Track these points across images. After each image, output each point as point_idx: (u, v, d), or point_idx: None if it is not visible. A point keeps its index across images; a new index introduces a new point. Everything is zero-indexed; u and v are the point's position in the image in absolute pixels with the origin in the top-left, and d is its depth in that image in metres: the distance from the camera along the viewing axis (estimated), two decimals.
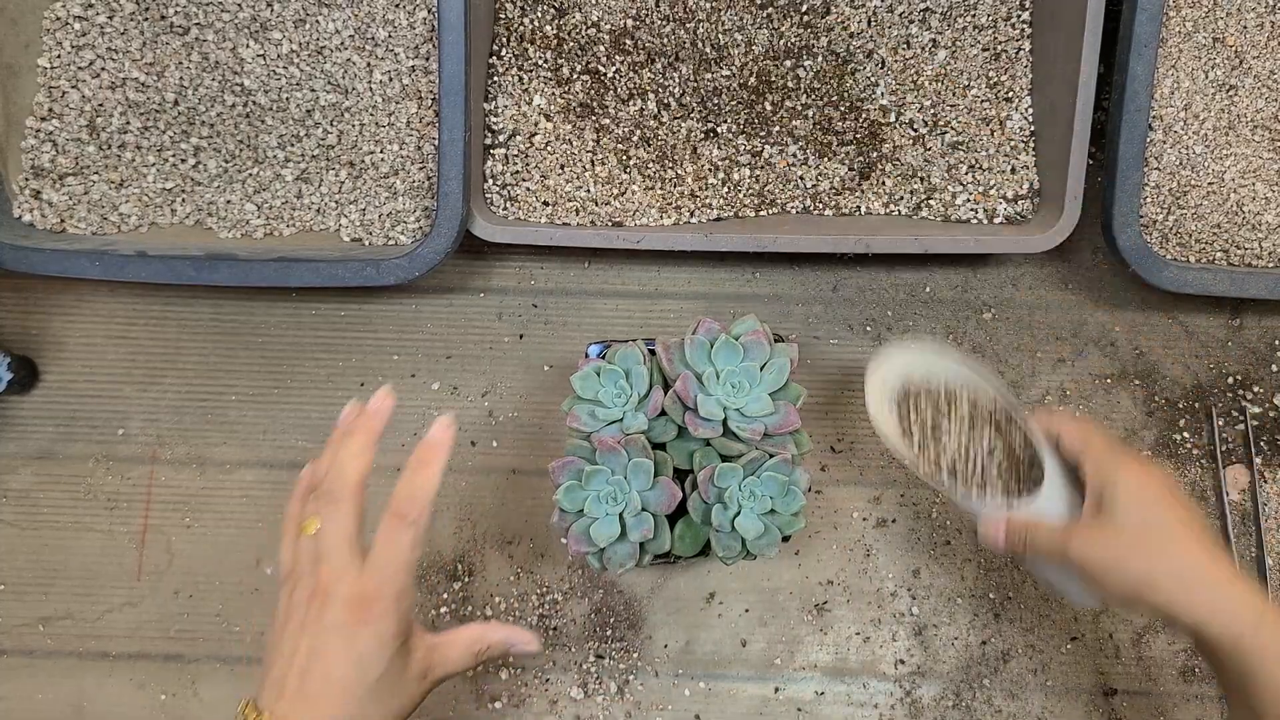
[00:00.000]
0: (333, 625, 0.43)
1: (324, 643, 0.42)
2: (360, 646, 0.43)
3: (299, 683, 0.42)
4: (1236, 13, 0.66)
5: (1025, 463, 0.57)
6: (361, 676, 0.43)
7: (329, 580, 0.43)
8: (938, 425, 0.58)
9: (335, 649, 0.42)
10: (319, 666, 0.42)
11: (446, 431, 0.48)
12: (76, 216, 0.66)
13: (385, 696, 0.43)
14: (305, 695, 0.42)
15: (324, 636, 0.43)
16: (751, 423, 0.55)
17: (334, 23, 0.67)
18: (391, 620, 0.43)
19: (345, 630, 0.43)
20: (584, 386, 0.56)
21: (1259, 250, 0.66)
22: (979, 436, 0.58)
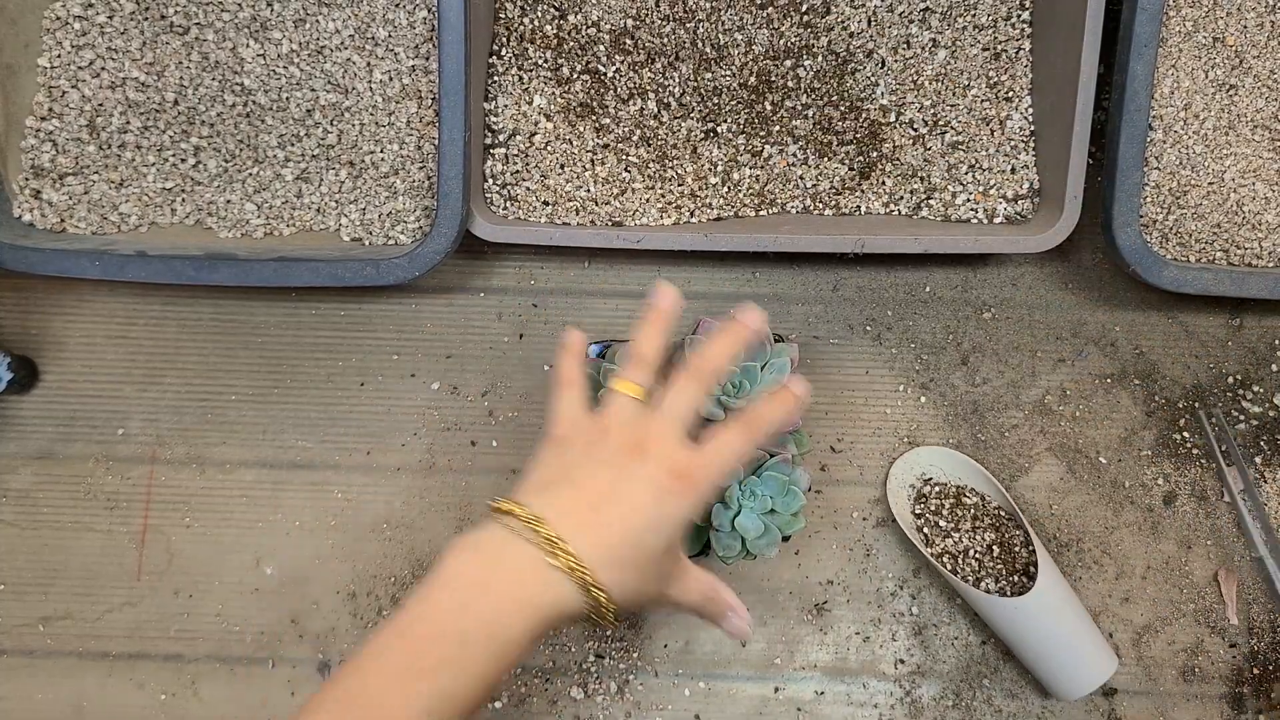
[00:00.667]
0: (647, 478, 0.43)
1: (633, 488, 0.43)
2: (666, 508, 0.43)
3: (594, 504, 0.42)
4: (1236, 12, 0.66)
5: (1023, 560, 0.65)
6: (655, 533, 0.42)
7: (659, 442, 0.44)
8: (947, 519, 0.66)
9: (643, 498, 0.42)
10: (622, 504, 0.42)
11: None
12: (76, 216, 0.66)
13: (646, 571, 0.43)
14: (596, 521, 0.42)
15: (635, 484, 0.43)
16: None
17: (334, 22, 0.67)
18: (696, 507, 0.43)
19: (658, 487, 0.43)
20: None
21: (1259, 250, 0.66)
22: (981, 534, 0.65)
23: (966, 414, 0.69)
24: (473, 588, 0.41)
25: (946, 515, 0.66)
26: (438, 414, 0.70)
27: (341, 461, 0.69)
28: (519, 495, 0.43)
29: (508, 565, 0.41)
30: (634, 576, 0.42)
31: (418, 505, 0.69)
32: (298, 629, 0.67)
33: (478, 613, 0.40)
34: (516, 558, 0.41)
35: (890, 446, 0.69)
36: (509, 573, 0.41)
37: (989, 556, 0.65)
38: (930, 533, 0.66)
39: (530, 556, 0.41)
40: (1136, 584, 0.67)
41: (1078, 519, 0.68)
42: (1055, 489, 0.68)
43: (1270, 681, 0.66)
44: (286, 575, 0.68)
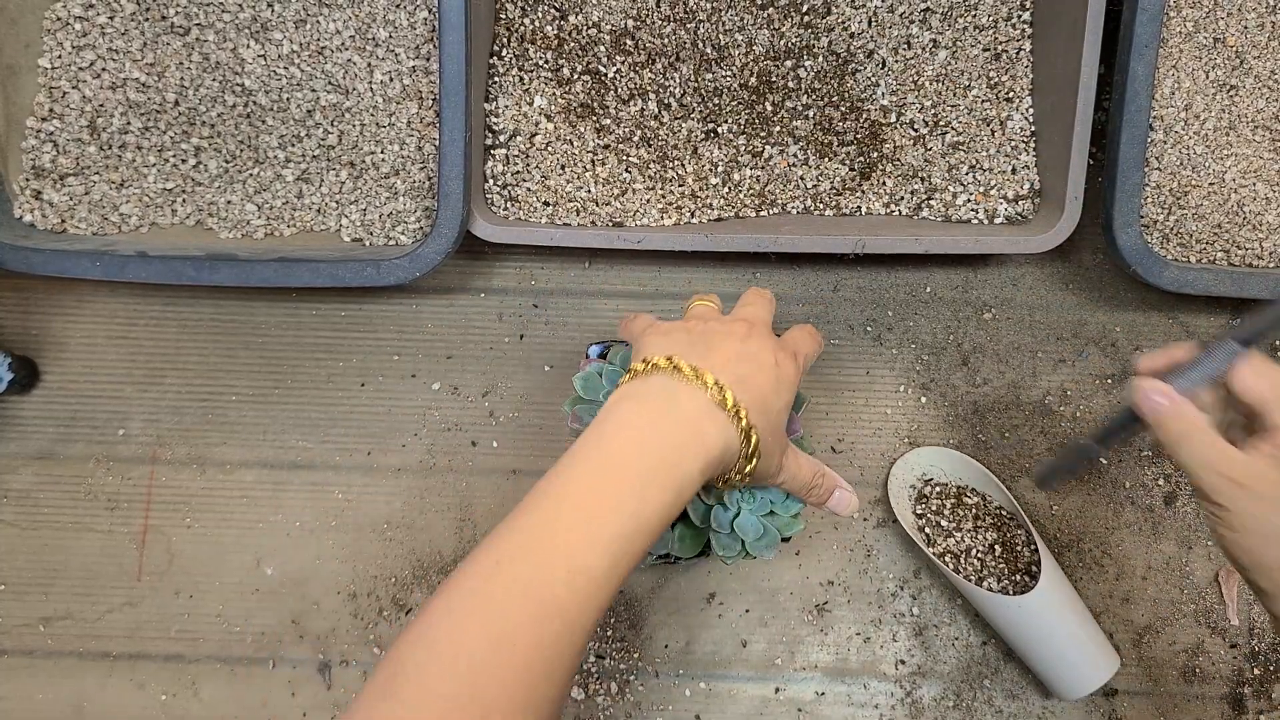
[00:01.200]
0: (764, 346, 0.48)
1: (758, 352, 0.47)
2: (784, 371, 0.47)
3: (733, 361, 0.46)
4: (1237, 13, 0.66)
5: (1025, 559, 0.65)
6: (778, 394, 0.47)
7: (759, 323, 0.50)
8: (948, 519, 0.66)
9: (767, 359, 0.47)
10: (753, 364, 0.46)
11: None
12: (77, 217, 0.66)
13: (779, 435, 0.47)
14: (739, 376, 0.45)
15: (757, 349, 0.47)
16: None
17: (335, 23, 0.67)
18: (798, 378, 0.49)
19: (774, 353, 0.47)
20: (586, 387, 0.56)
21: (1259, 250, 0.66)
22: (983, 533, 0.66)
23: (967, 414, 0.69)
24: (649, 429, 0.43)
25: (948, 515, 0.66)
26: (438, 414, 0.70)
27: (342, 462, 0.69)
28: (662, 352, 0.46)
29: (681, 408, 0.43)
30: (769, 432, 0.46)
31: (418, 505, 0.69)
32: (298, 629, 0.67)
33: (657, 451, 0.42)
34: (688, 402, 0.44)
35: (891, 447, 0.69)
36: (683, 415, 0.43)
37: (991, 556, 0.65)
38: (932, 532, 0.66)
39: (700, 400, 0.44)
40: (1137, 584, 0.67)
41: (1078, 519, 0.68)
42: (1055, 489, 0.68)
43: (1271, 682, 0.66)
44: (287, 575, 0.68)
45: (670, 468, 0.42)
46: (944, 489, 0.67)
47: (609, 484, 0.41)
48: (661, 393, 0.44)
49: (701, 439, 0.43)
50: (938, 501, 0.67)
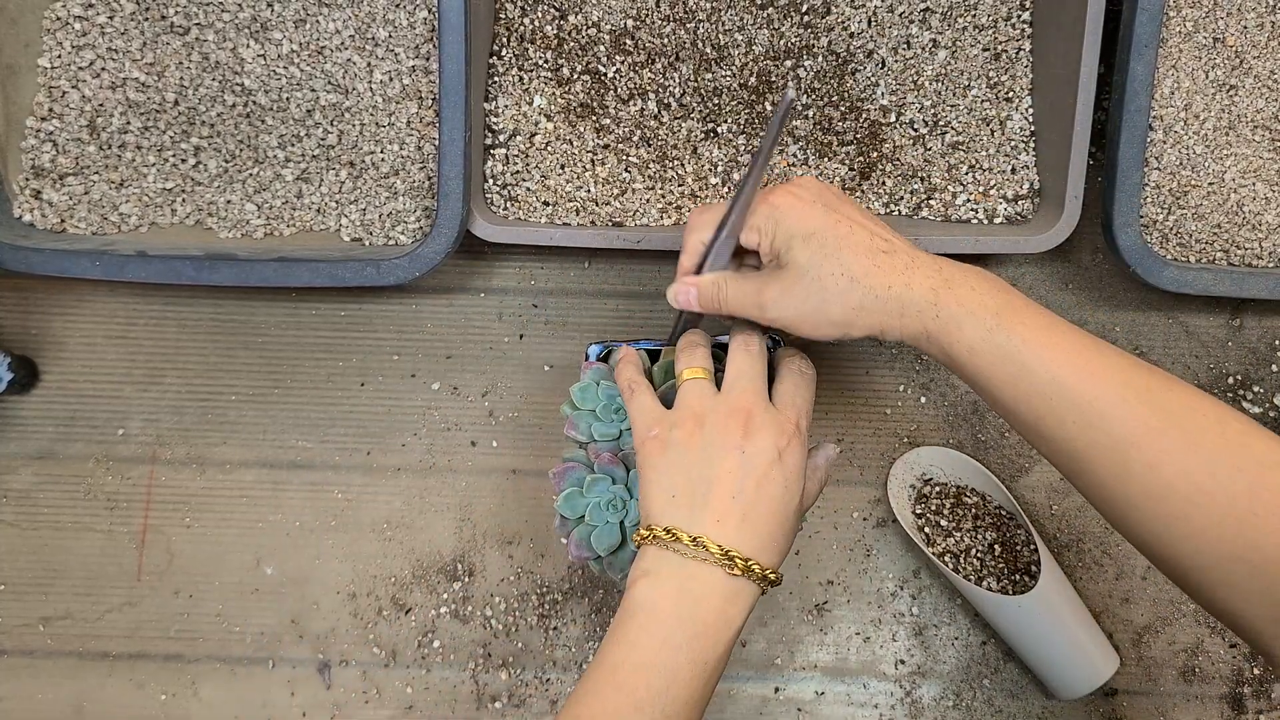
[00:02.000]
0: (766, 447, 0.45)
1: (759, 463, 0.45)
2: (790, 466, 0.45)
3: (735, 494, 0.44)
4: (1237, 13, 0.66)
5: (1025, 559, 0.65)
6: (790, 491, 0.45)
7: (754, 409, 0.46)
8: (948, 519, 0.66)
9: (771, 469, 0.45)
10: (758, 483, 0.45)
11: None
12: (76, 216, 0.66)
13: (791, 528, 0.46)
14: (744, 512, 0.44)
15: (759, 458, 0.45)
16: None
17: (334, 23, 0.67)
18: (805, 449, 0.47)
19: (777, 451, 0.45)
20: (583, 397, 0.56)
21: (1259, 250, 0.66)
22: (983, 533, 0.66)
23: (967, 414, 0.69)
24: (668, 620, 0.43)
25: (948, 515, 0.66)
26: (438, 414, 0.70)
27: (341, 462, 0.69)
28: (662, 516, 0.45)
29: (694, 591, 0.43)
30: (788, 535, 0.46)
31: (418, 505, 0.69)
32: (298, 629, 0.67)
33: (678, 644, 0.42)
34: (699, 582, 0.43)
35: (890, 447, 0.69)
36: (697, 598, 0.43)
37: (991, 556, 0.65)
38: (932, 532, 0.66)
39: (710, 575, 0.43)
40: (1136, 584, 0.67)
41: (1078, 519, 0.68)
42: (1055, 489, 0.68)
43: (1270, 682, 0.66)
44: (286, 575, 0.68)
45: (693, 656, 0.42)
46: (944, 489, 0.67)
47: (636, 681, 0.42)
48: (672, 574, 0.44)
49: (720, 617, 0.43)
50: (937, 501, 0.67)
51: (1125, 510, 0.41)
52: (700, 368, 0.49)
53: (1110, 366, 0.42)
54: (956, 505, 0.66)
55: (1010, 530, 0.65)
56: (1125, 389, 0.41)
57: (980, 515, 0.66)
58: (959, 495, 0.67)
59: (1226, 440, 0.39)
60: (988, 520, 0.66)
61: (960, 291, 0.44)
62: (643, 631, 0.43)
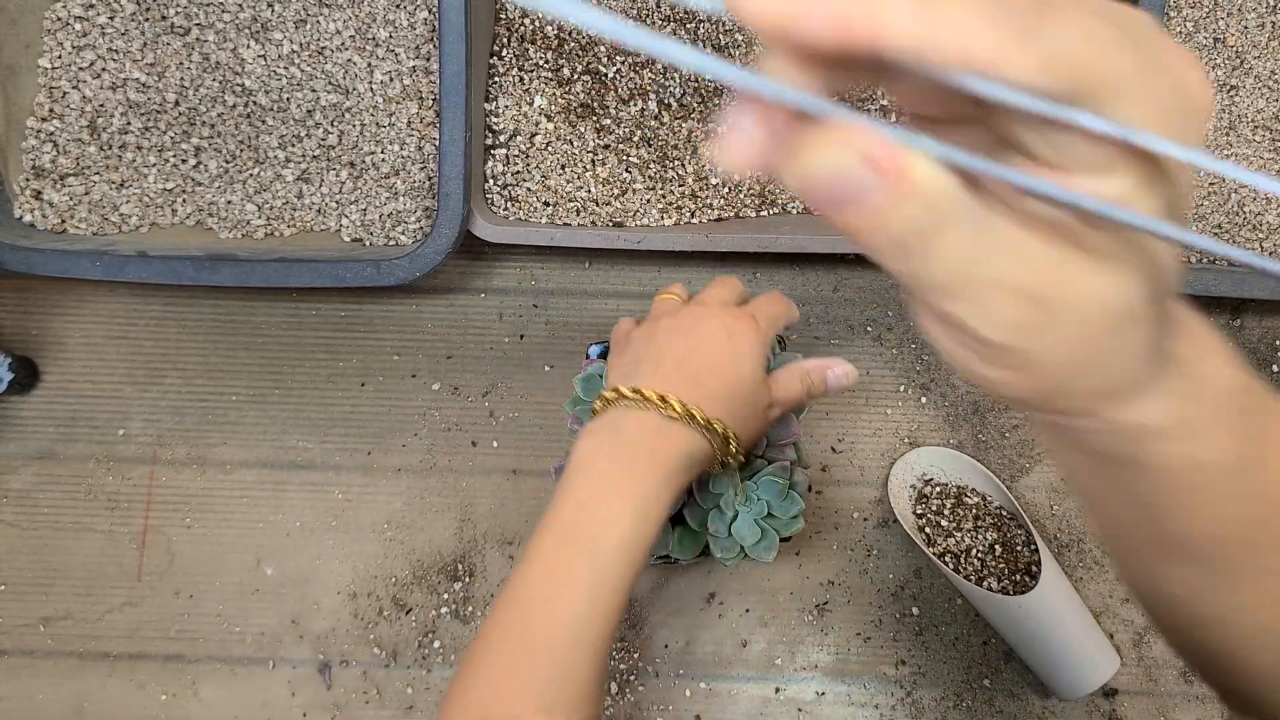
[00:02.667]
0: (715, 325, 0.47)
1: (705, 336, 0.47)
2: (739, 341, 0.47)
3: (679, 361, 0.46)
4: (1237, 13, 0.66)
5: (1025, 559, 0.65)
6: (737, 363, 0.47)
7: (713, 304, 0.49)
8: (948, 519, 0.66)
9: (717, 338, 0.47)
10: (702, 350, 0.46)
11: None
12: (77, 217, 0.66)
13: (747, 403, 0.47)
14: (686, 373, 0.45)
15: (705, 333, 0.47)
16: None
17: (335, 23, 0.67)
18: (763, 342, 0.48)
19: (726, 328, 0.47)
20: (586, 389, 0.56)
21: (1259, 250, 0.66)
22: (983, 533, 0.66)
23: (967, 414, 0.69)
24: (605, 462, 0.44)
25: (948, 515, 0.66)
26: (438, 414, 0.70)
27: (342, 462, 0.69)
28: (611, 386, 0.47)
29: (629, 433, 0.44)
30: (740, 404, 0.47)
31: (418, 505, 0.69)
32: (298, 629, 0.67)
33: (616, 483, 0.43)
34: (635, 424, 0.44)
35: (891, 447, 0.69)
36: (632, 438, 0.44)
37: (991, 556, 0.65)
38: (932, 532, 0.66)
39: (646, 419, 0.44)
40: None
41: (1078, 519, 0.68)
42: (1055, 489, 0.68)
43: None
44: (286, 575, 0.68)
45: (632, 495, 0.43)
46: (944, 489, 0.67)
47: (577, 524, 0.43)
48: (610, 425, 0.45)
49: (656, 455, 0.44)
50: (938, 501, 0.67)
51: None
52: (674, 292, 0.53)
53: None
54: (957, 505, 0.66)
55: (1011, 530, 0.65)
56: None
57: (981, 515, 0.66)
58: (959, 495, 0.67)
59: None
60: (988, 520, 0.66)
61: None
62: (580, 477, 0.44)
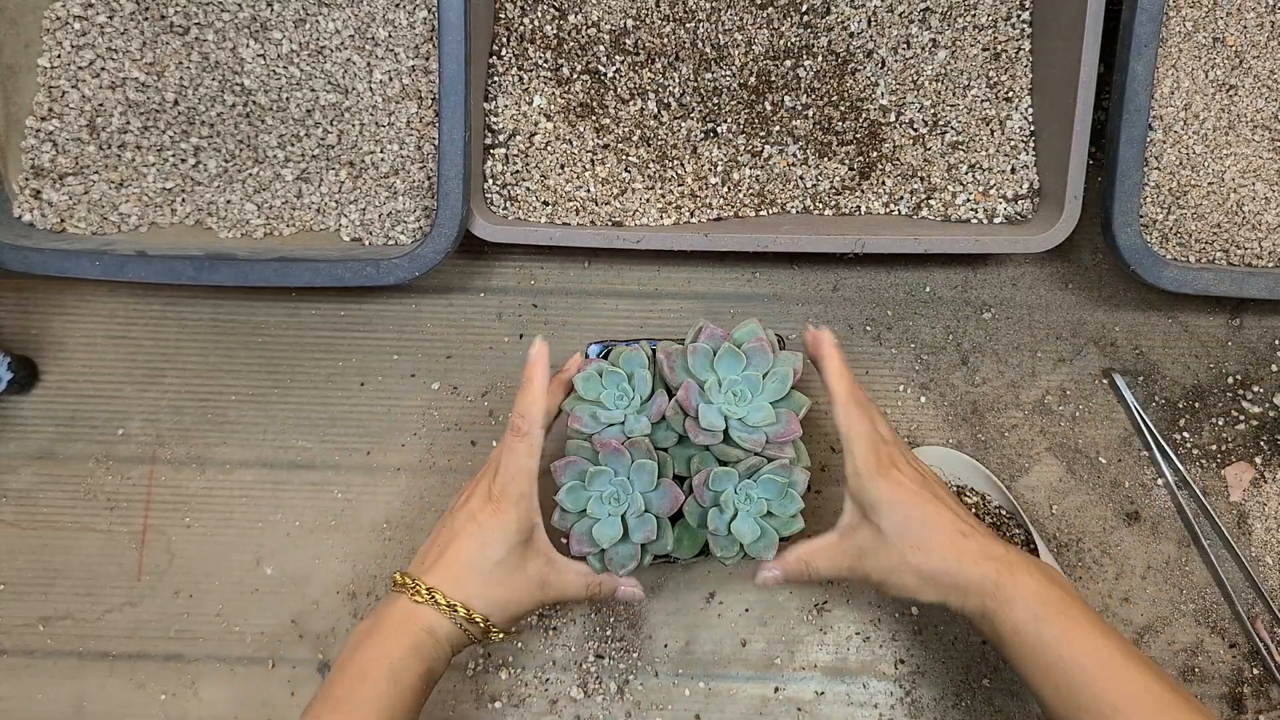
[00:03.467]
0: (466, 513, 0.53)
1: (460, 528, 0.53)
2: (485, 533, 0.52)
3: (438, 557, 0.53)
4: (1236, 13, 0.66)
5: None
6: (483, 556, 0.52)
7: (479, 484, 0.55)
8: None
9: (467, 533, 0.53)
10: (454, 546, 0.53)
11: (538, 349, 0.56)
12: (76, 216, 0.66)
13: (503, 582, 0.53)
14: (441, 566, 0.52)
15: (460, 523, 0.53)
16: (753, 432, 0.54)
17: (334, 22, 0.67)
18: (511, 516, 0.53)
19: (475, 518, 0.53)
20: (586, 387, 0.55)
21: (1259, 250, 0.66)
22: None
23: (966, 414, 0.69)
24: (364, 635, 0.51)
25: None
26: (438, 414, 0.70)
27: (341, 461, 0.69)
28: (411, 565, 0.55)
29: (388, 612, 0.52)
30: (495, 588, 0.52)
31: (418, 505, 0.69)
32: (298, 629, 0.67)
33: (368, 649, 0.50)
34: (392, 605, 0.52)
35: None
36: (388, 616, 0.51)
37: None
38: None
39: (402, 602, 0.52)
40: (1136, 584, 0.67)
41: (1077, 519, 0.68)
42: (1055, 489, 0.68)
43: (1269, 681, 0.66)
44: (286, 575, 0.68)
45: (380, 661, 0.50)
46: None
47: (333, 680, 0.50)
48: (381, 607, 0.53)
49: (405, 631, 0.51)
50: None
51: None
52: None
53: (1136, 674, 0.46)
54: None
55: (1010, 530, 0.65)
56: (1145, 695, 0.46)
57: (980, 515, 0.66)
58: (959, 495, 0.67)
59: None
60: (988, 520, 0.66)
61: (1020, 577, 0.49)
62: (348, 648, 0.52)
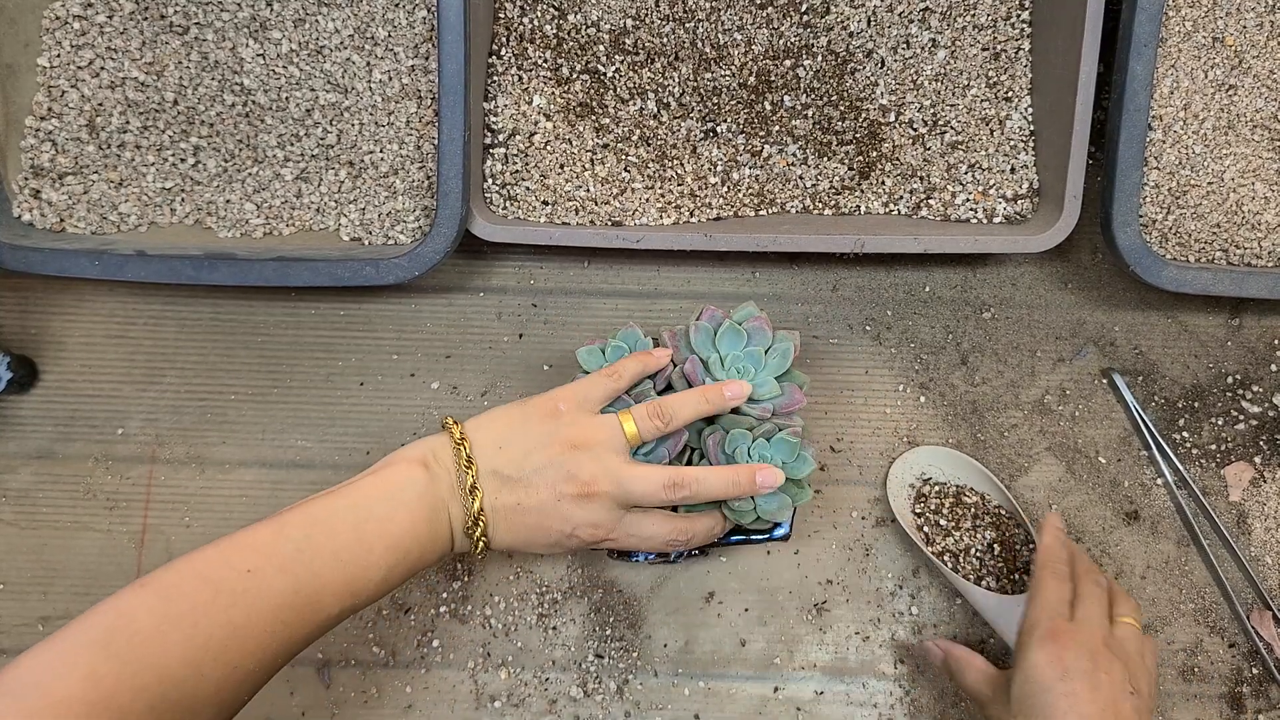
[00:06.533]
0: (550, 483, 0.53)
1: (541, 481, 0.53)
2: (572, 511, 0.52)
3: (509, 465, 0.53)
4: (1236, 13, 0.66)
5: (1024, 559, 0.65)
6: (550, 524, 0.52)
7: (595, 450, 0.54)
8: (947, 518, 0.66)
9: (544, 495, 0.52)
10: (536, 511, 0.52)
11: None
12: (76, 216, 0.66)
13: (540, 530, 0.53)
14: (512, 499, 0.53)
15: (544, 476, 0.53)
16: (758, 404, 0.56)
17: (334, 22, 0.67)
18: (595, 509, 0.52)
19: (559, 493, 0.52)
20: (589, 360, 0.57)
21: (1259, 250, 0.66)
22: (982, 532, 0.65)
23: (966, 414, 0.69)
24: (415, 497, 0.52)
25: (946, 514, 0.66)
26: (437, 414, 0.70)
27: (341, 461, 0.69)
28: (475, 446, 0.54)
29: (438, 487, 0.52)
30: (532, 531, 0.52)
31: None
32: None
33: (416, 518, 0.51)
34: (445, 477, 0.53)
35: (890, 446, 0.69)
36: (438, 492, 0.52)
37: (990, 555, 0.65)
38: (931, 531, 0.66)
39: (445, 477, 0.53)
40: (1136, 584, 0.67)
41: (1077, 519, 0.68)
42: (1055, 489, 0.68)
43: (1269, 681, 0.66)
44: None
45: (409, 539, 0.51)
46: (943, 488, 0.67)
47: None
48: (431, 458, 0.54)
49: (437, 519, 0.52)
50: (936, 500, 0.67)
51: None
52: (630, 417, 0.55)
53: None
54: (956, 505, 0.66)
55: (1009, 529, 0.65)
56: None
57: (980, 515, 0.66)
58: (959, 495, 0.67)
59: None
60: (987, 520, 0.66)
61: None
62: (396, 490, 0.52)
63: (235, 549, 0.46)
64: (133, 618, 0.42)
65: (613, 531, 0.52)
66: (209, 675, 0.42)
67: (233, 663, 0.43)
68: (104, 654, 0.40)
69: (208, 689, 0.42)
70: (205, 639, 0.42)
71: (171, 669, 0.41)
